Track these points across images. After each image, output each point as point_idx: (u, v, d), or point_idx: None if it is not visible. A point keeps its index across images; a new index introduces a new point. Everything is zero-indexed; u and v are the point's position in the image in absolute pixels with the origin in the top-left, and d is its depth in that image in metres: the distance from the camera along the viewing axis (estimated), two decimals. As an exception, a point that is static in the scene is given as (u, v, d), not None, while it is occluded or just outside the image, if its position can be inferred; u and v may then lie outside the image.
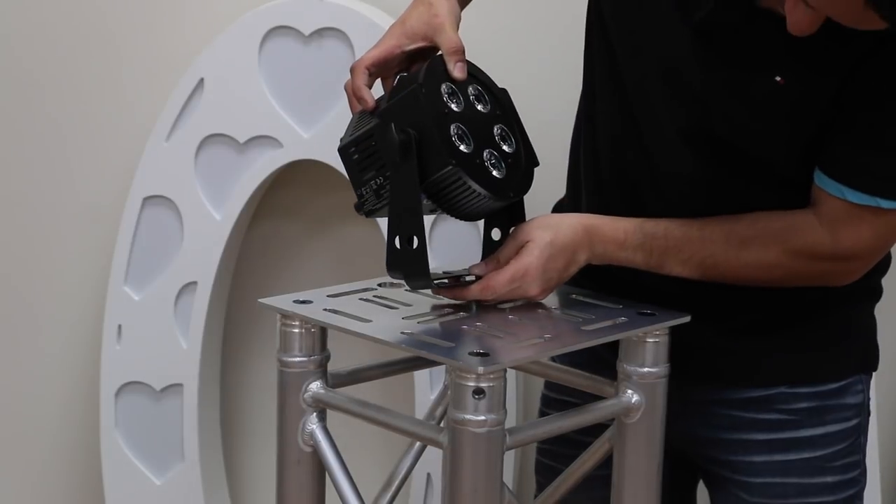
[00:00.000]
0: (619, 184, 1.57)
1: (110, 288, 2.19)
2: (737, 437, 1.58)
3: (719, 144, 1.48)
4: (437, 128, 1.40)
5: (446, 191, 1.41)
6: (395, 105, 1.43)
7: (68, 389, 2.37)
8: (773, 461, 1.57)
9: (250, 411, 2.32)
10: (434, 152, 1.40)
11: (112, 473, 2.22)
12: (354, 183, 1.47)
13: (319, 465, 1.46)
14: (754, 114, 1.45)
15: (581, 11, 1.62)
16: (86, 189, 2.30)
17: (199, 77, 2.10)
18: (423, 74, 1.44)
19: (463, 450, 1.31)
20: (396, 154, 1.39)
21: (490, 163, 1.44)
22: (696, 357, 1.54)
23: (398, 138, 1.39)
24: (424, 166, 1.40)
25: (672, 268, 1.50)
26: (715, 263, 1.49)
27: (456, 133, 1.42)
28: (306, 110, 2.08)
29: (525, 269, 1.44)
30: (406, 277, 1.42)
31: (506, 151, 1.47)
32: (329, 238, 2.23)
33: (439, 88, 1.44)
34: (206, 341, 2.18)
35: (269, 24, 2.07)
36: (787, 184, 1.49)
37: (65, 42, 2.28)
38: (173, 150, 2.13)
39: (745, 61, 1.44)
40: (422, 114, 1.41)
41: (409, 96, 1.43)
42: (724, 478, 1.61)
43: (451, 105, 1.44)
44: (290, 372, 1.45)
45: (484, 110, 1.48)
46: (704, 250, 1.49)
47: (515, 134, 1.50)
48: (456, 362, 1.29)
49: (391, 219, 1.42)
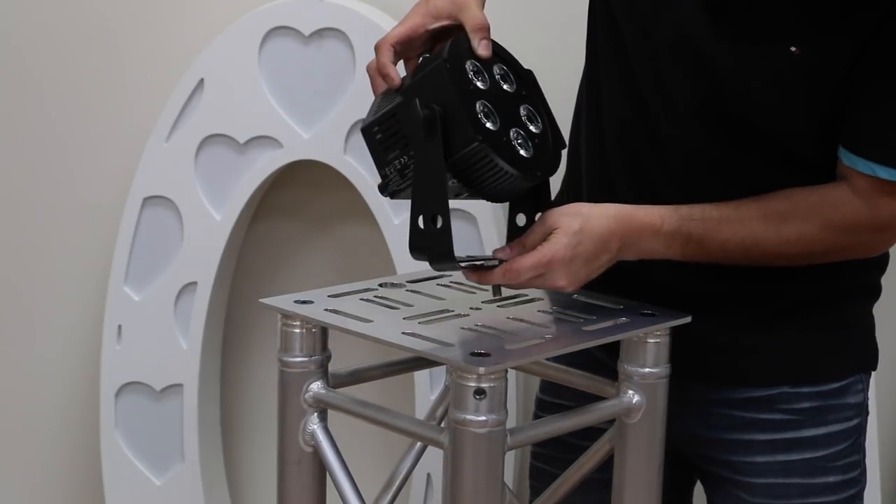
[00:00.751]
0: (628, 171, 1.55)
1: (110, 288, 2.19)
2: (738, 438, 1.57)
3: (735, 121, 1.46)
4: (463, 103, 1.37)
5: (472, 169, 1.38)
6: (420, 81, 1.41)
7: (68, 389, 2.37)
8: (775, 461, 1.57)
9: (250, 411, 2.32)
10: (459, 129, 1.36)
11: (112, 473, 2.22)
12: (378, 163, 1.44)
13: (320, 465, 1.46)
14: (770, 86, 1.42)
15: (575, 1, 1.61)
16: (86, 189, 2.30)
17: (199, 77, 2.10)
18: (448, 50, 1.41)
19: (464, 450, 1.31)
20: (421, 130, 1.36)
21: (517, 142, 1.41)
22: (697, 356, 1.53)
23: (423, 114, 1.36)
24: (449, 143, 1.37)
25: (712, 252, 1.46)
26: (756, 242, 1.46)
27: (482, 110, 1.39)
28: (306, 110, 2.08)
29: (550, 257, 1.40)
30: (430, 258, 1.39)
31: (532, 132, 1.45)
32: (329, 238, 2.23)
33: (464, 65, 1.41)
34: (207, 341, 2.17)
35: (269, 24, 2.07)
36: (802, 163, 1.47)
37: (65, 42, 2.28)
38: (173, 151, 2.13)
39: (759, 33, 1.42)
40: (447, 90, 1.38)
41: (434, 72, 1.39)
42: (724, 478, 1.60)
43: (476, 82, 1.41)
44: (290, 372, 1.45)
45: (510, 90, 1.46)
46: (744, 229, 1.46)
47: (542, 115, 1.47)
48: (457, 362, 1.29)
49: (415, 197, 1.39)
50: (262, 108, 2.09)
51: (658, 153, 1.52)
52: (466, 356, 1.30)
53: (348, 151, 2.06)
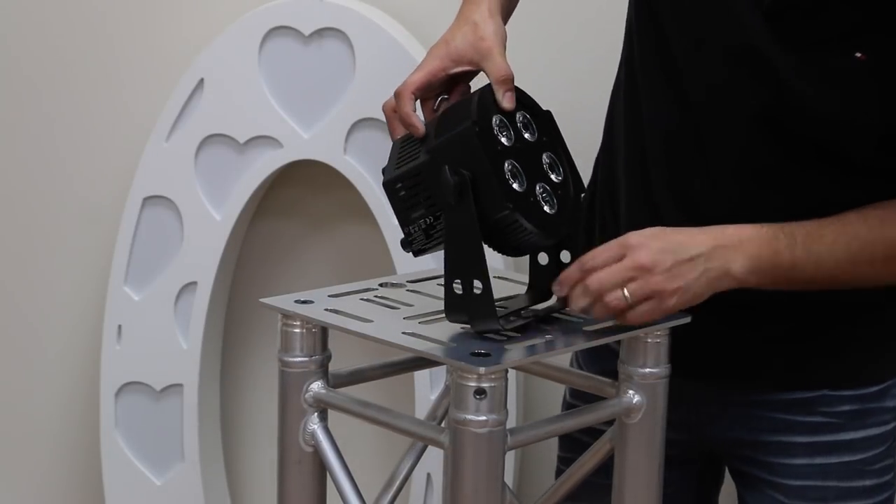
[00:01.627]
0: (673, 186, 1.51)
1: (110, 288, 2.19)
2: (778, 440, 1.56)
3: (792, 130, 1.42)
4: (494, 170, 1.34)
5: (498, 232, 1.36)
6: (447, 144, 1.37)
7: (68, 389, 2.37)
8: (813, 464, 1.55)
9: (250, 411, 2.32)
10: (489, 196, 1.34)
11: (112, 473, 2.23)
12: (401, 220, 1.41)
13: (320, 465, 1.45)
14: (835, 92, 1.38)
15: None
16: (86, 189, 2.30)
17: (199, 77, 2.10)
18: (476, 110, 1.38)
19: (464, 450, 1.30)
20: (451, 197, 1.33)
21: (542, 197, 1.39)
22: (741, 361, 1.52)
23: (453, 181, 1.33)
24: (479, 208, 1.34)
25: (821, 258, 1.39)
26: (862, 245, 1.40)
27: (509, 170, 1.36)
28: (306, 110, 2.08)
29: (623, 240, 1.35)
30: (471, 321, 1.37)
31: (555, 182, 1.43)
32: (329, 238, 2.23)
33: (491, 123, 1.38)
34: (207, 341, 2.18)
35: (270, 24, 2.07)
36: (859, 173, 1.43)
37: (65, 43, 2.28)
38: (173, 151, 2.14)
39: (822, 39, 1.38)
40: (477, 156, 1.34)
41: (463, 136, 1.36)
42: (761, 479, 1.58)
43: (502, 139, 1.38)
44: (291, 372, 1.44)
45: (531, 139, 1.43)
46: (847, 231, 1.40)
47: (562, 160, 1.45)
48: (457, 362, 1.29)
49: (449, 263, 1.36)
50: (262, 107, 2.09)
51: (705, 164, 1.48)
52: (466, 356, 1.30)
53: (348, 151, 2.06)
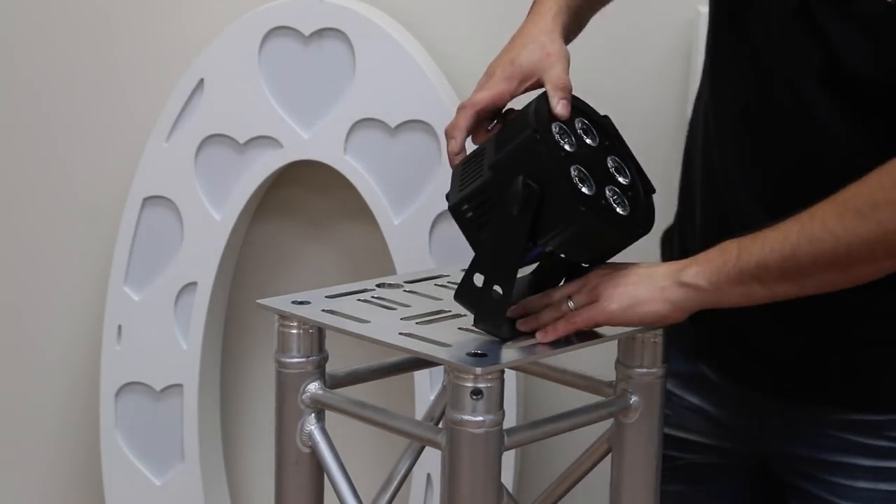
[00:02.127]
0: (755, 197, 1.46)
1: (110, 288, 2.20)
2: (841, 460, 1.51)
3: (844, 85, 1.35)
4: (562, 175, 1.32)
5: (574, 239, 1.34)
6: (511, 155, 1.35)
7: (68, 390, 2.37)
8: (877, 490, 1.50)
9: (250, 411, 2.32)
10: (561, 202, 1.32)
11: (112, 473, 2.23)
12: (472, 243, 1.39)
13: (318, 465, 1.46)
14: (869, 47, 1.32)
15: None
16: (86, 189, 2.30)
17: (199, 77, 2.10)
18: (534, 118, 1.36)
19: (461, 450, 1.31)
20: (515, 207, 1.31)
21: (613, 200, 1.37)
22: (815, 378, 1.49)
23: (522, 192, 1.31)
24: (549, 217, 1.32)
25: (768, 240, 1.33)
26: (811, 215, 1.33)
27: (577, 175, 1.34)
28: (306, 111, 2.08)
29: (587, 275, 1.37)
30: (477, 317, 1.37)
31: (623, 184, 1.41)
32: (328, 238, 2.23)
33: (552, 130, 1.36)
34: (206, 341, 2.18)
35: (269, 24, 2.07)
36: None
37: (65, 43, 2.28)
38: (173, 151, 2.14)
39: None
40: (541, 162, 1.33)
41: (525, 145, 1.34)
42: (821, 497, 1.54)
43: (565, 147, 1.36)
44: (288, 373, 1.44)
45: (594, 144, 1.42)
46: (796, 219, 1.33)
47: (628, 163, 1.44)
48: (453, 363, 1.29)
49: (481, 257, 1.35)
50: (261, 108, 2.09)
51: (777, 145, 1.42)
52: (463, 356, 1.30)
53: (348, 151, 2.06)
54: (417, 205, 2.04)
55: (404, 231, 2.06)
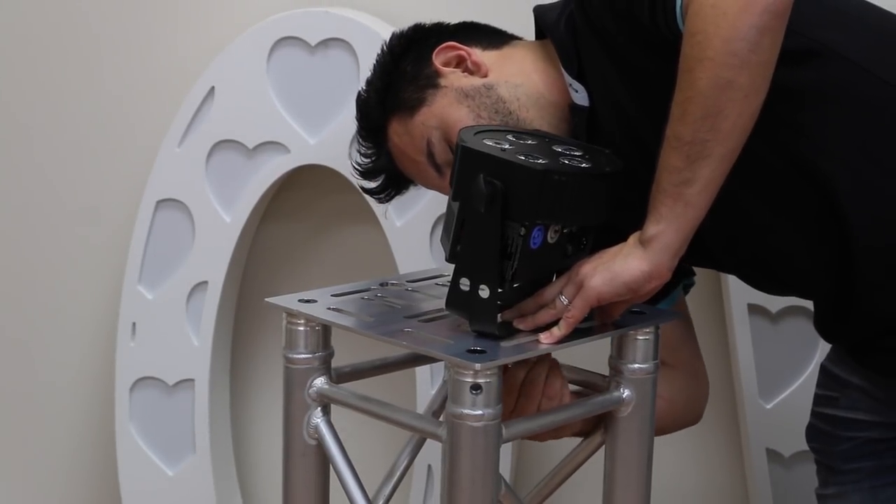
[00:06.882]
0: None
1: (125, 287, 2.20)
2: None
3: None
4: (512, 157, 1.33)
5: (557, 203, 1.34)
6: (460, 175, 1.35)
7: (85, 385, 2.38)
8: None
9: (258, 405, 2.32)
10: (522, 177, 1.31)
11: (127, 465, 2.24)
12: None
13: (324, 456, 1.46)
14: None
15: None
16: (101, 193, 2.31)
17: (209, 86, 2.11)
18: (461, 138, 1.37)
19: (461, 443, 1.31)
20: (481, 205, 1.31)
21: (572, 161, 1.39)
22: None
23: (486, 190, 1.31)
24: (521, 197, 1.32)
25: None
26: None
27: (525, 154, 1.35)
28: (312, 117, 2.09)
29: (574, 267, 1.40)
30: (471, 320, 1.37)
31: (577, 154, 1.42)
32: (334, 239, 2.24)
33: (482, 140, 1.38)
34: (217, 338, 2.19)
35: (277, 34, 2.08)
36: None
37: (84, 54, 2.28)
38: (185, 156, 2.14)
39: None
40: (488, 158, 1.33)
41: (464, 157, 1.34)
42: None
43: (504, 146, 1.37)
44: (295, 368, 1.45)
45: (534, 142, 1.43)
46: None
47: (577, 145, 1.47)
48: (454, 359, 1.29)
49: (462, 260, 1.35)
50: (270, 114, 2.10)
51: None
52: (463, 353, 1.30)
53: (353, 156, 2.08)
54: (418, 208, 2.05)
55: (406, 233, 2.07)
